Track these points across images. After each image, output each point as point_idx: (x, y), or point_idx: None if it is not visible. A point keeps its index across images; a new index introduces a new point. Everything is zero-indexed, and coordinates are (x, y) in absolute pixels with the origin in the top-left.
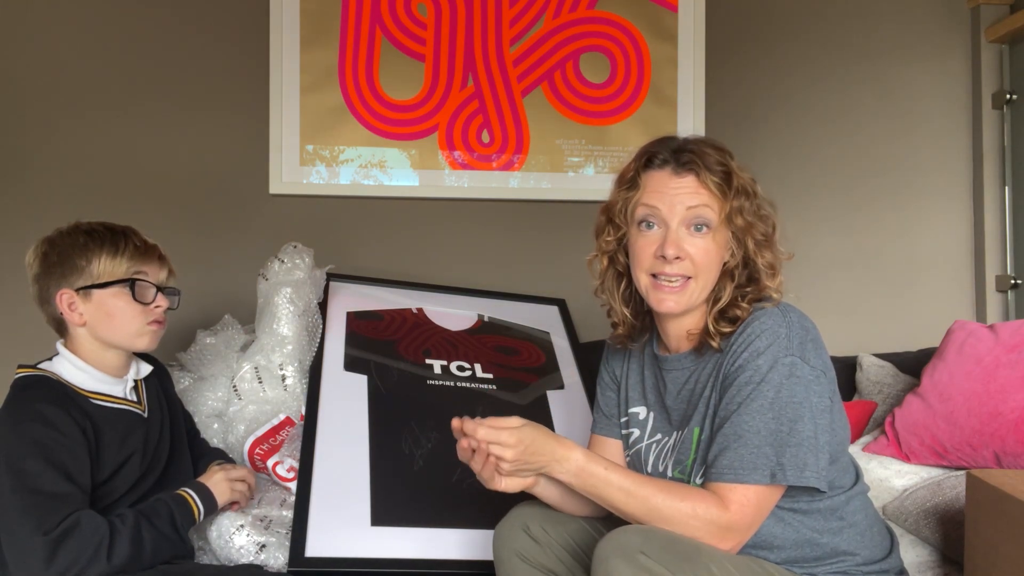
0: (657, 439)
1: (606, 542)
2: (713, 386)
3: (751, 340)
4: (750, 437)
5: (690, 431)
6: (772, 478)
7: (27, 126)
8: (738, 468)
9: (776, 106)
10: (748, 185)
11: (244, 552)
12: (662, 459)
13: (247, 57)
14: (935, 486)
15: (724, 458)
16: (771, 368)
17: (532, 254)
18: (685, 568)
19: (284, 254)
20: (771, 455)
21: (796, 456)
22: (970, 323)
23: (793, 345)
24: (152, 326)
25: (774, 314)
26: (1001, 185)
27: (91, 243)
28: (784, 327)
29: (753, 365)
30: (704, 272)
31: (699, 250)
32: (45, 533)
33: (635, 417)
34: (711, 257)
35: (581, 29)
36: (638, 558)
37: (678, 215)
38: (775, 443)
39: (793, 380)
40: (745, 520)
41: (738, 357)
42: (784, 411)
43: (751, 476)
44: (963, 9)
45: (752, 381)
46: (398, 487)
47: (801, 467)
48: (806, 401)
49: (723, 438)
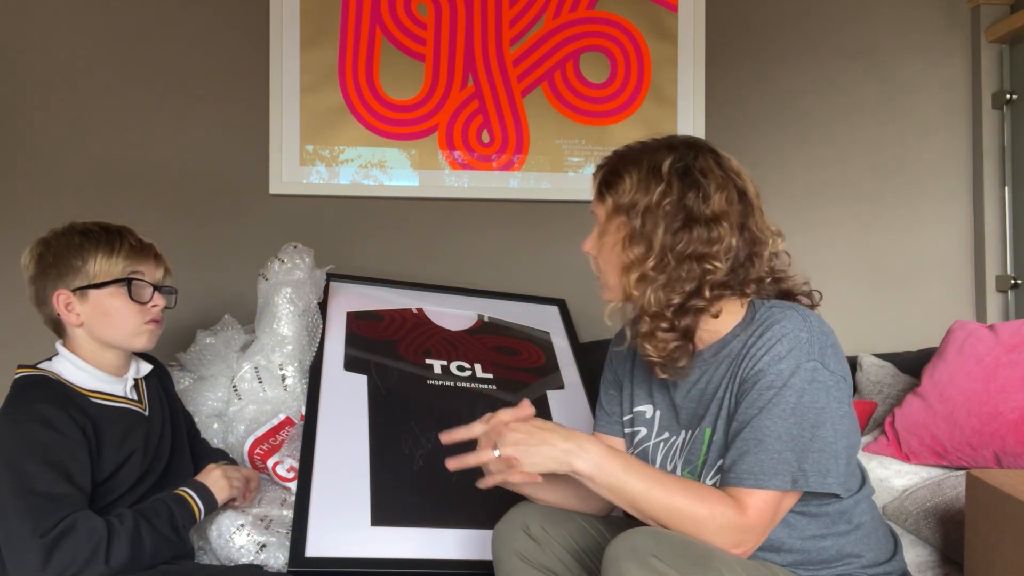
0: (664, 438)
1: (617, 544)
2: (727, 388)
3: (771, 344)
4: (771, 442)
5: (702, 431)
6: (794, 484)
7: (27, 126)
8: (759, 473)
9: (776, 106)
10: (657, 177)
11: (244, 552)
12: (670, 458)
13: (247, 57)
14: (935, 486)
15: (744, 463)
16: (793, 373)
17: (532, 254)
18: (697, 572)
19: (284, 254)
20: (792, 460)
21: (819, 462)
22: (970, 323)
23: (815, 350)
24: (149, 325)
25: (794, 318)
26: (1001, 185)
27: (87, 243)
28: (805, 331)
29: (775, 369)
30: (603, 264)
31: (591, 247)
32: (42, 535)
33: (641, 416)
34: (604, 252)
35: (581, 29)
36: (650, 561)
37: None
38: (797, 448)
39: (815, 385)
40: (761, 525)
41: (758, 361)
42: (806, 416)
43: (772, 481)
44: (963, 9)
45: (774, 385)
46: (398, 487)
47: (824, 473)
48: (827, 407)
49: (743, 442)
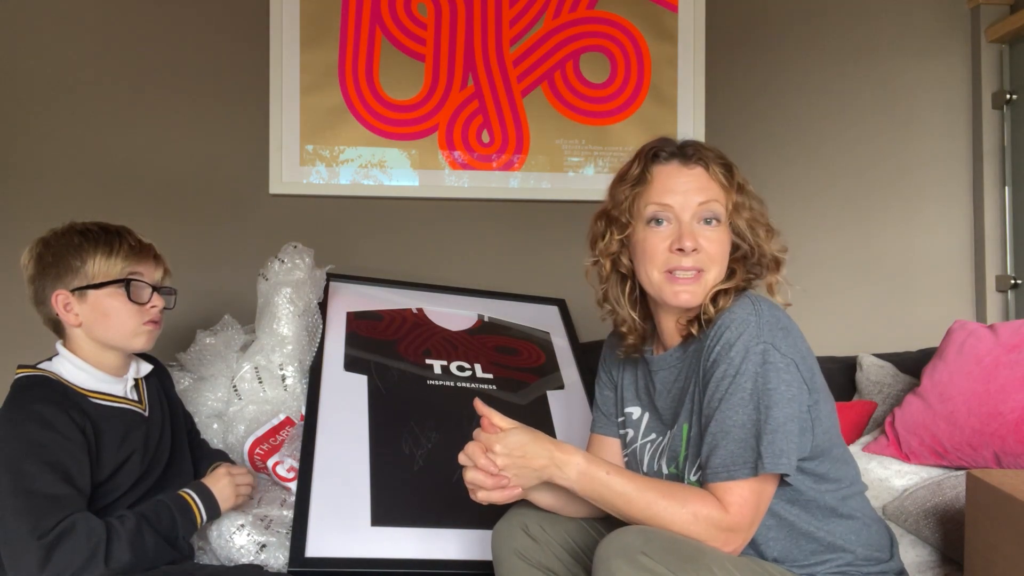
0: (651, 439)
1: (607, 543)
2: (696, 382)
3: (722, 332)
4: (736, 431)
5: (679, 428)
6: (754, 469)
7: (26, 126)
8: (730, 465)
9: (776, 106)
10: (743, 181)
11: (244, 552)
12: (656, 459)
13: (247, 57)
14: (935, 486)
15: (716, 457)
16: (744, 358)
17: (532, 254)
18: (687, 568)
19: (284, 254)
20: (755, 446)
21: (772, 443)
22: (970, 323)
23: (764, 332)
24: (148, 326)
25: (744, 304)
26: (1001, 185)
27: (85, 243)
28: (754, 315)
29: (727, 358)
30: (716, 264)
31: (711, 242)
32: (40, 536)
33: (630, 417)
34: (722, 249)
35: (581, 29)
36: (640, 559)
37: (690, 209)
38: (757, 434)
39: (767, 367)
40: (746, 520)
41: (712, 352)
42: (761, 399)
43: (741, 471)
44: (963, 9)
45: (728, 375)
46: (398, 487)
47: (777, 454)
48: (777, 388)
49: (711, 437)
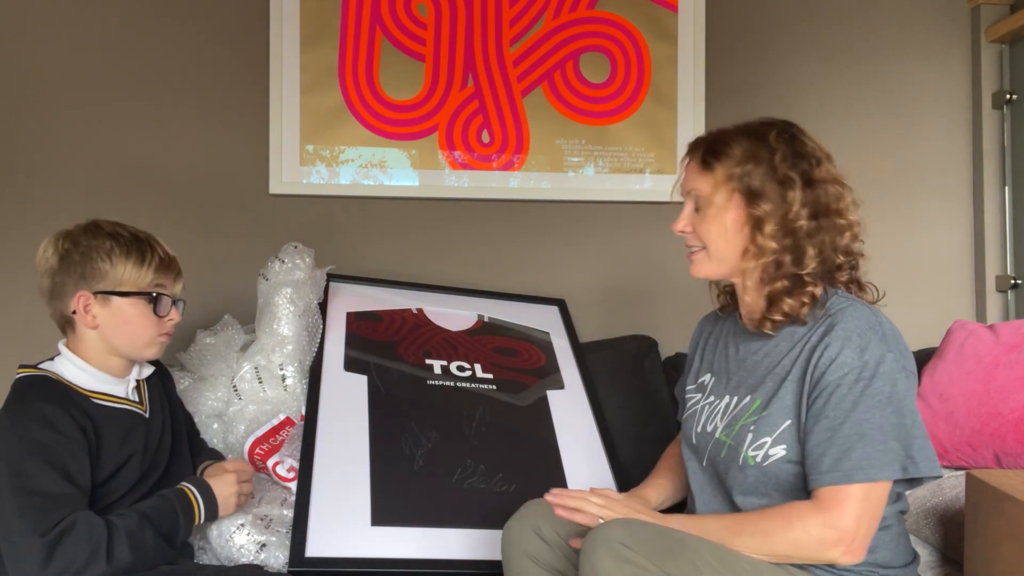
0: (710, 401)
1: (592, 535)
2: (791, 372)
3: (850, 337)
4: (874, 434)
5: (750, 401)
6: (904, 471)
7: (26, 126)
8: (867, 467)
9: (776, 106)
10: (769, 158)
11: (244, 551)
12: (711, 420)
13: (247, 57)
14: (935, 486)
15: (850, 459)
16: (879, 363)
17: (532, 254)
18: (667, 560)
19: (284, 254)
20: (899, 449)
21: (924, 448)
22: (970, 323)
23: (892, 344)
24: (162, 338)
25: (867, 314)
26: (1001, 185)
27: (117, 248)
28: (879, 326)
29: (860, 361)
30: (712, 244)
31: (698, 225)
32: (42, 535)
33: (702, 384)
34: (712, 232)
35: (581, 29)
36: (621, 551)
37: (687, 197)
38: (900, 437)
39: (904, 374)
40: (863, 524)
41: (839, 353)
42: (903, 404)
43: (882, 472)
44: (963, 9)
45: (863, 377)
46: (398, 487)
47: (931, 459)
48: (909, 396)
49: (844, 440)
